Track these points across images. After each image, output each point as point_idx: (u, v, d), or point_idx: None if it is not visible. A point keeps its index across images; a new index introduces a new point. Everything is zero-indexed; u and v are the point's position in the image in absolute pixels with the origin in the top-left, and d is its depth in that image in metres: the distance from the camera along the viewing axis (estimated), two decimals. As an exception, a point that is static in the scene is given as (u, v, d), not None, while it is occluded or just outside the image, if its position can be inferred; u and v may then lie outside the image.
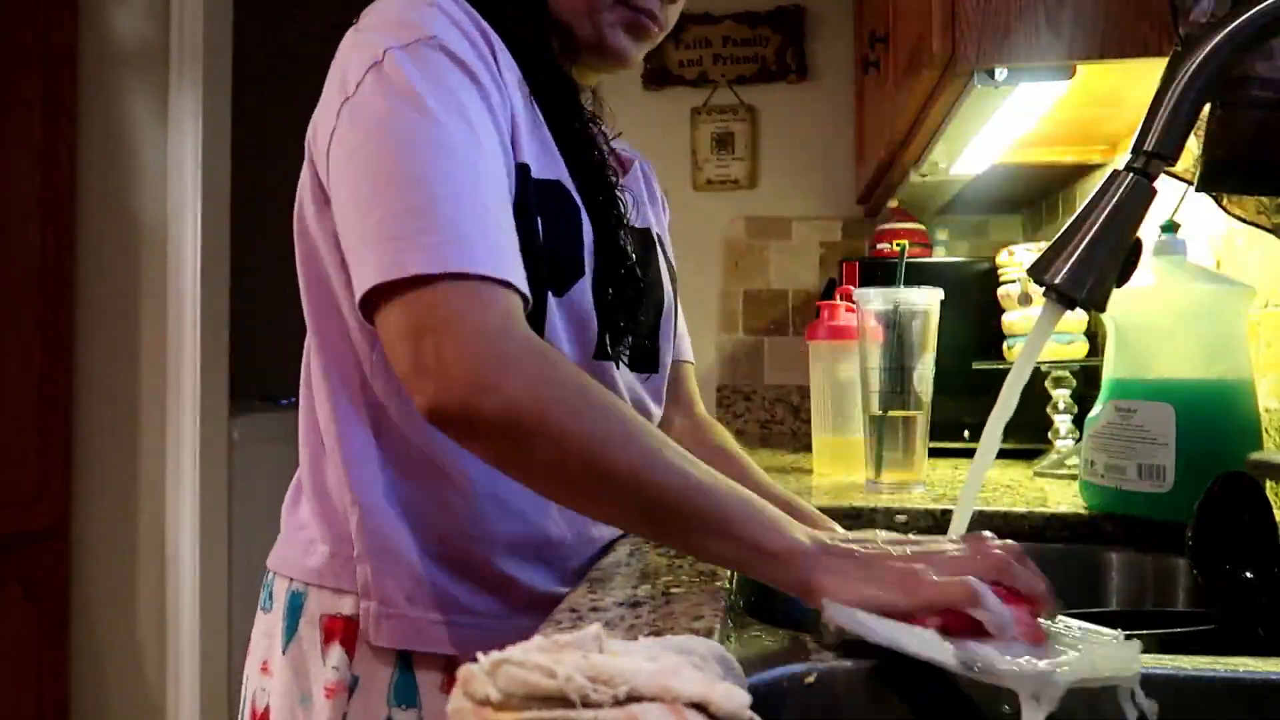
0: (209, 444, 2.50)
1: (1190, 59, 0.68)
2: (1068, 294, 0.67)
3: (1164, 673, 0.59)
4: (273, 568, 0.89)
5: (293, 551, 0.87)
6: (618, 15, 0.87)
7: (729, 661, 0.49)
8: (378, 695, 0.80)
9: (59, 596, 2.44)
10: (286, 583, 0.86)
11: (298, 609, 0.84)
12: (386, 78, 0.73)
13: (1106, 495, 1.07)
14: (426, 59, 0.74)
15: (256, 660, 0.88)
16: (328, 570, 0.84)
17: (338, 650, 0.81)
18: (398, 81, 0.72)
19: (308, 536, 0.86)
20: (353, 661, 0.81)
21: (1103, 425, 1.08)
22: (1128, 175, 0.68)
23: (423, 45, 0.74)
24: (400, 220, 0.68)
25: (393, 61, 0.73)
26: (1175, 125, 0.67)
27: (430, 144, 0.70)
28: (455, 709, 0.39)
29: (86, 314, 2.52)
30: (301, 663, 0.83)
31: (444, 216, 0.68)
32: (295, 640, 0.84)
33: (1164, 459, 1.00)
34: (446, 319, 0.65)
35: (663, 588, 0.71)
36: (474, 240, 0.68)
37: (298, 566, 0.86)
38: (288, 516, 0.91)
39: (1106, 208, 0.67)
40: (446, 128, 0.71)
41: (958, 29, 1.09)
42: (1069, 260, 0.66)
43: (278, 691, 0.84)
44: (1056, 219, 2.07)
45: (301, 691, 0.83)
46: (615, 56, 0.89)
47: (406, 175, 0.69)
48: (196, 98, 2.47)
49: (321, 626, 0.83)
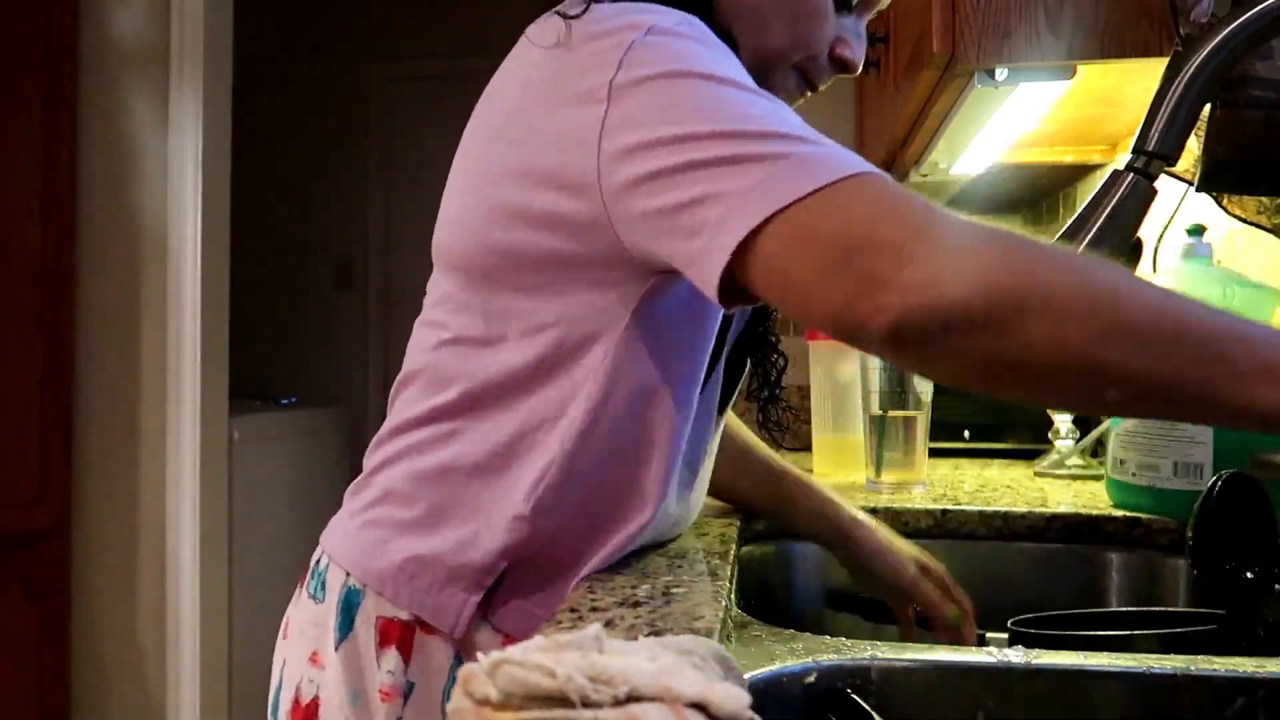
0: (209, 444, 2.49)
1: (1190, 59, 0.68)
2: None
3: (1164, 672, 0.59)
4: (328, 552, 0.85)
5: (356, 546, 0.83)
6: (791, 81, 0.86)
7: (729, 661, 0.49)
8: (432, 703, 0.79)
9: (59, 596, 2.44)
10: (343, 576, 0.83)
11: (354, 606, 0.82)
12: (651, 47, 0.67)
13: (1138, 494, 1.08)
14: (677, 34, 0.68)
15: (303, 649, 0.85)
16: (389, 579, 0.80)
17: (394, 655, 0.79)
18: (671, 46, 0.67)
19: (379, 536, 0.82)
20: (409, 668, 0.79)
21: (1134, 424, 1.09)
22: (1128, 175, 0.68)
23: (685, 27, 0.70)
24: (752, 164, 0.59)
25: (662, 33, 0.68)
26: (1175, 125, 0.67)
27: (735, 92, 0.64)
28: (455, 709, 0.39)
29: (87, 314, 2.52)
30: (355, 662, 0.81)
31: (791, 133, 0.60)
32: (350, 638, 0.81)
33: (1202, 456, 1.02)
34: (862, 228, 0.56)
35: (663, 588, 0.71)
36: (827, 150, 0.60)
37: (359, 565, 0.82)
38: (359, 502, 0.85)
39: (1107, 208, 0.67)
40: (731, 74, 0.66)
41: (958, 29, 1.09)
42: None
43: (329, 685, 0.82)
44: (1056, 219, 2.07)
45: (353, 689, 0.81)
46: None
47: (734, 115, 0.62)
48: (196, 98, 2.47)
49: (377, 629, 0.80)
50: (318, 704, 0.83)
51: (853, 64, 0.87)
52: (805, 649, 0.64)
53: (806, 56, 0.85)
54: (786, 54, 0.84)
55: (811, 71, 0.86)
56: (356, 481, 0.88)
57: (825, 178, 0.58)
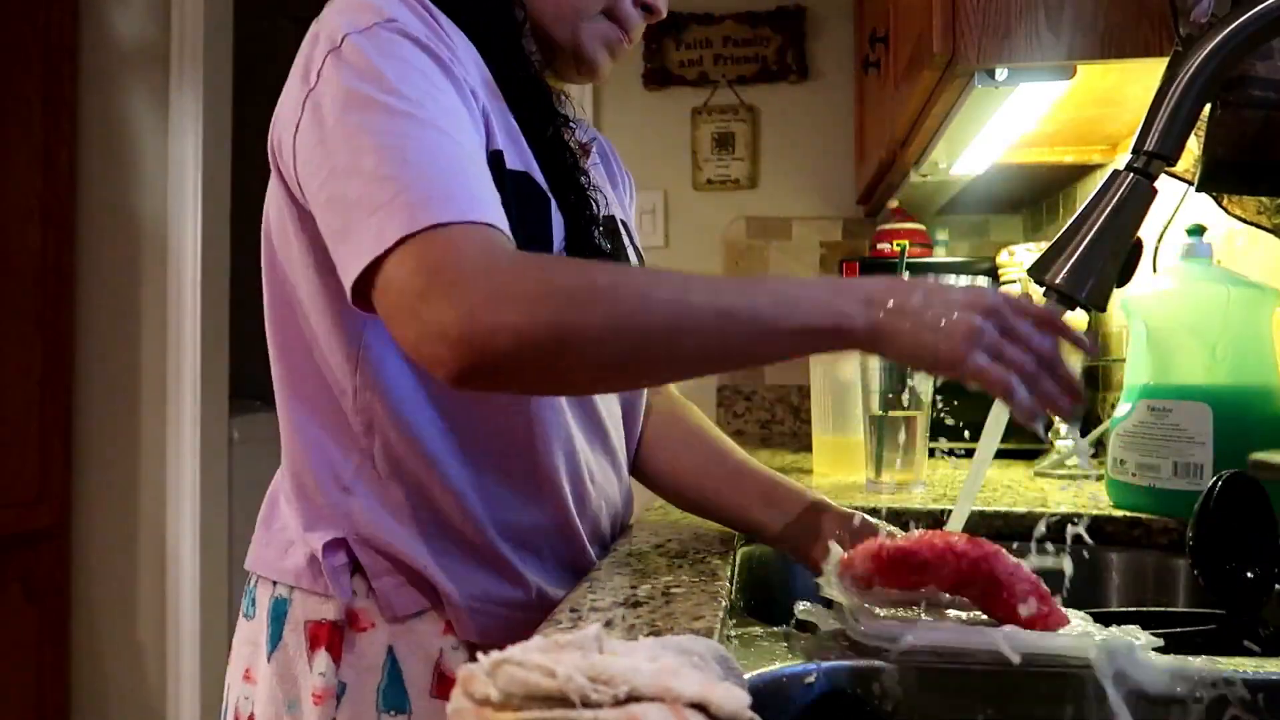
0: (209, 444, 2.49)
1: (1190, 59, 0.68)
2: (1068, 294, 0.67)
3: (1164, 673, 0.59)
4: (252, 569, 0.89)
5: (270, 553, 0.87)
6: (600, 29, 0.88)
7: (729, 661, 0.49)
8: (366, 701, 0.80)
9: (59, 596, 2.44)
10: (270, 589, 0.86)
11: (282, 615, 0.84)
12: (346, 62, 0.72)
13: (1138, 494, 1.08)
14: (386, 39, 0.73)
15: (239, 668, 0.88)
16: (305, 573, 0.83)
17: (324, 656, 0.81)
18: (358, 63, 0.72)
19: (286, 538, 0.86)
20: (340, 668, 0.80)
21: (1133, 425, 1.09)
22: (1128, 175, 0.68)
23: (380, 28, 0.74)
24: (366, 199, 0.67)
25: (351, 46, 0.73)
26: (1175, 125, 0.67)
27: (395, 114, 0.69)
28: (455, 709, 0.39)
29: (87, 314, 2.52)
30: (287, 669, 0.83)
31: (419, 181, 0.67)
32: (280, 647, 0.83)
33: (1201, 457, 1.02)
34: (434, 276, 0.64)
35: (663, 588, 0.71)
36: (456, 196, 0.67)
37: (275, 568, 0.86)
38: (266, 521, 0.91)
39: (1107, 208, 0.67)
40: (409, 99, 0.70)
41: (958, 29, 1.09)
42: (1069, 260, 0.67)
43: (262, 699, 0.83)
44: (1057, 219, 2.07)
45: (288, 698, 0.82)
46: (589, 68, 0.90)
47: (374, 150, 0.68)
48: (196, 98, 2.47)
49: (306, 633, 0.82)
50: (254, 719, 0.84)
51: (657, 8, 0.89)
52: (805, 649, 0.64)
53: (610, 3, 0.87)
54: (587, 4, 0.86)
55: (622, 18, 0.88)
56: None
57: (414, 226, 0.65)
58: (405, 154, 0.68)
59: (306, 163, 0.74)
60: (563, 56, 0.89)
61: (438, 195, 0.66)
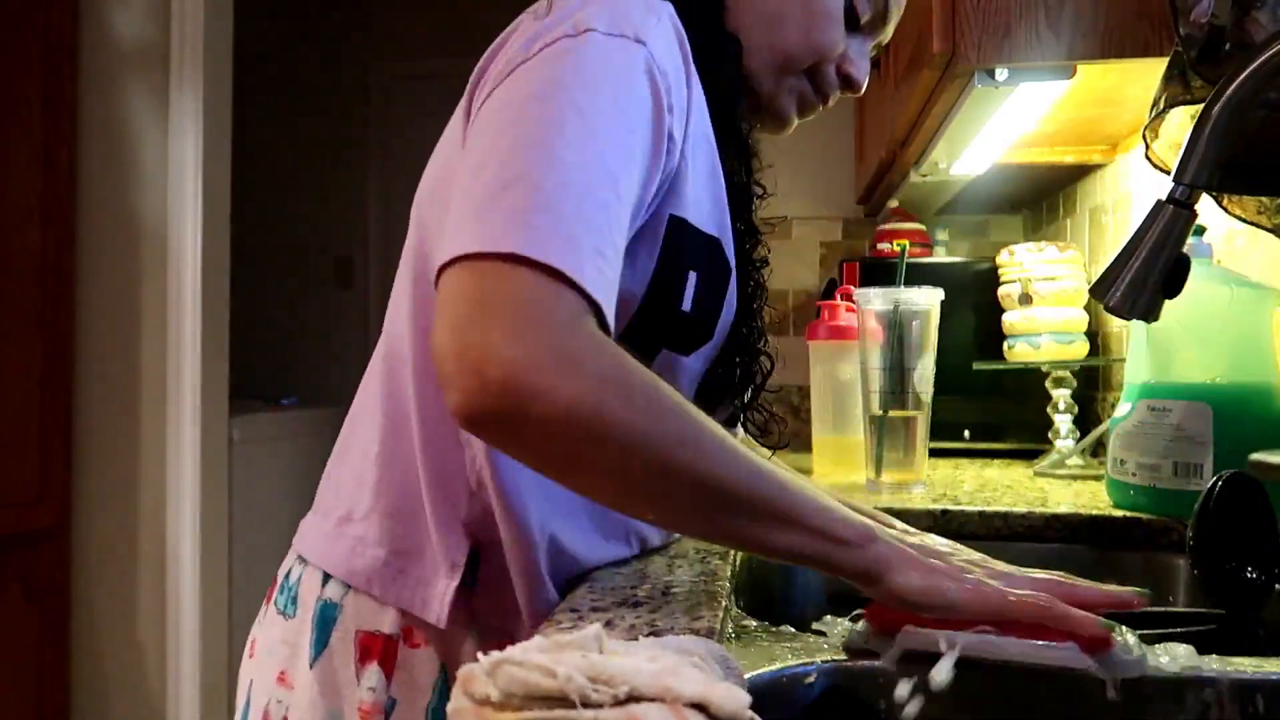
0: (209, 444, 2.49)
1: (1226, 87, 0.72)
2: (1120, 313, 0.76)
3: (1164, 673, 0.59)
4: (316, 562, 0.82)
5: (336, 547, 0.81)
6: (800, 87, 0.87)
7: (729, 661, 0.49)
8: (416, 719, 0.77)
9: (59, 596, 2.44)
10: (317, 589, 0.80)
11: (330, 620, 0.79)
12: (575, 58, 0.67)
13: (1137, 493, 1.08)
14: (627, 54, 0.67)
15: (271, 668, 0.82)
16: (377, 577, 0.78)
17: (375, 671, 0.77)
18: (584, 64, 0.66)
19: (356, 534, 0.80)
20: (391, 684, 0.77)
21: (1133, 425, 1.09)
22: (1169, 207, 0.74)
23: (629, 43, 0.68)
24: (514, 192, 0.61)
25: (589, 43, 0.67)
26: (1209, 158, 0.73)
27: (584, 132, 0.64)
28: (455, 709, 0.39)
29: (87, 314, 2.51)
30: (331, 679, 0.78)
31: (568, 210, 0.61)
32: (326, 655, 0.79)
33: (1201, 457, 1.02)
34: (513, 304, 0.58)
35: (663, 588, 0.71)
36: (585, 247, 0.60)
37: (342, 566, 0.80)
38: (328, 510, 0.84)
39: (1152, 237, 0.74)
40: (611, 122, 0.65)
41: (958, 29, 1.09)
42: (1121, 285, 0.76)
43: (301, 705, 0.79)
44: (1057, 219, 2.07)
45: (330, 709, 0.78)
46: (778, 121, 0.89)
47: (544, 150, 0.62)
48: (196, 98, 2.47)
49: (357, 643, 0.78)
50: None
51: (857, 82, 0.88)
52: (805, 649, 0.64)
53: (817, 62, 0.85)
54: (799, 57, 0.85)
55: (821, 82, 0.87)
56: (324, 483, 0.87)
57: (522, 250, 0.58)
58: (566, 175, 0.62)
59: (478, 126, 0.69)
60: (754, 106, 0.87)
61: (566, 236, 0.60)
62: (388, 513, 0.79)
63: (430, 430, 0.77)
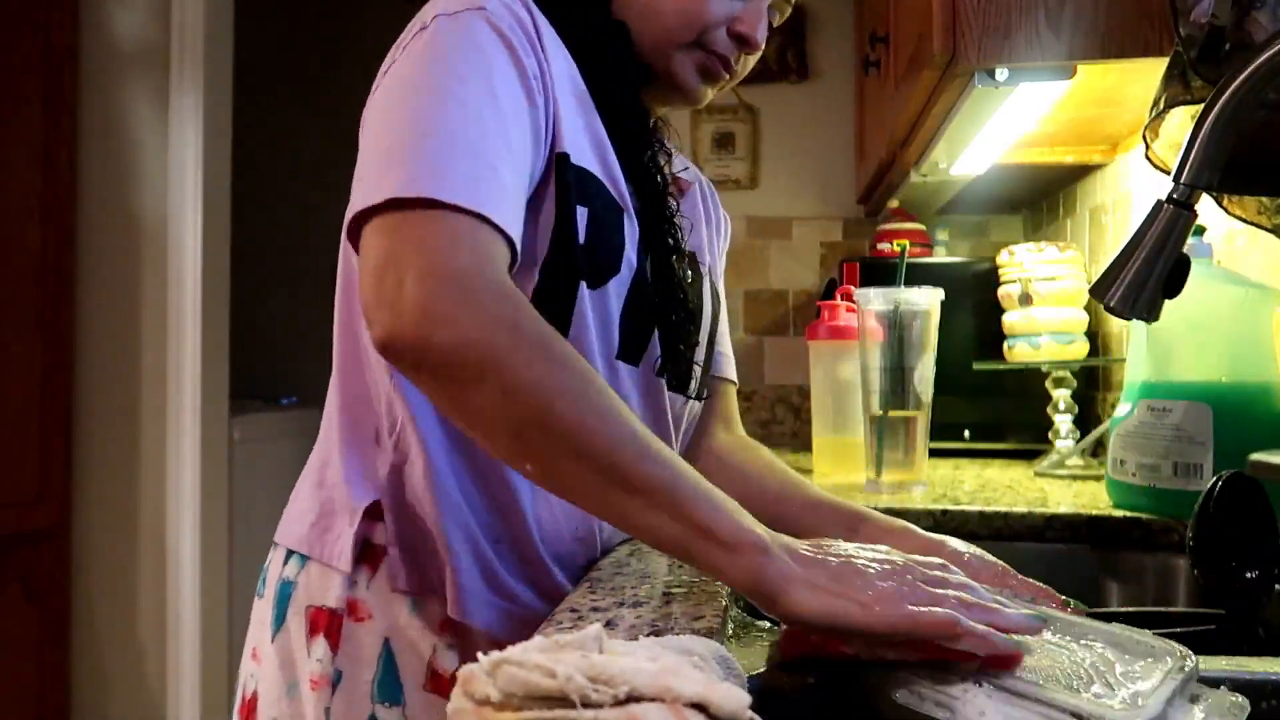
0: (209, 444, 2.50)
1: (1224, 89, 0.72)
2: (1120, 313, 0.77)
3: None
4: (277, 539, 0.91)
5: (289, 522, 0.89)
6: (695, 58, 0.90)
7: (729, 661, 0.49)
8: (361, 692, 0.81)
9: (59, 596, 2.44)
10: (280, 568, 0.87)
11: (286, 598, 0.85)
12: (425, 43, 0.76)
13: (1137, 494, 1.08)
14: (467, 24, 0.76)
15: (250, 647, 0.89)
16: (305, 537, 0.85)
17: (322, 643, 0.82)
18: (434, 44, 0.75)
19: (300, 505, 0.88)
20: (336, 656, 0.81)
21: (1134, 425, 1.09)
22: (1169, 207, 0.74)
23: (467, 13, 0.76)
24: (390, 156, 0.69)
25: (435, 27, 0.76)
26: (1209, 158, 0.73)
27: (442, 95, 0.72)
28: (455, 709, 0.39)
29: (87, 314, 2.51)
30: (288, 652, 0.84)
31: (434, 152, 0.68)
32: (283, 629, 0.85)
33: (1201, 457, 1.02)
34: (414, 248, 0.65)
35: (663, 588, 0.71)
36: (461, 176, 0.67)
37: (291, 535, 0.87)
38: (296, 493, 0.92)
39: (1153, 237, 0.74)
40: (466, 82, 0.73)
41: (958, 29, 1.09)
42: (1122, 285, 0.76)
43: (265, 679, 0.85)
44: (1057, 219, 2.07)
45: (288, 681, 0.83)
46: (684, 94, 0.92)
47: (411, 121, 0.71)
48: (197, 98, 2.47)
49: (307, 618, 0.83)
50: (256, 697, 0.86)
51: (751, 40, 0.90)
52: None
53: (701, 33, 0.88)
54: (678, 29, 0.88)
55: (715, 47, 0.89)
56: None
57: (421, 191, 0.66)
58: (432, 130, 0.70)
59: (363, 122, 0.79)
60: (659, 82, 0.91)
61: (444, 173, 0.67)
62: (317, 481, 0.87)
63: (347, 381, 0.86)
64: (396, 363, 0.66)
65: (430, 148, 0.68)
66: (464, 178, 0.67)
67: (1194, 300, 1.07)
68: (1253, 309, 1.06)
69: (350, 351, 0.87)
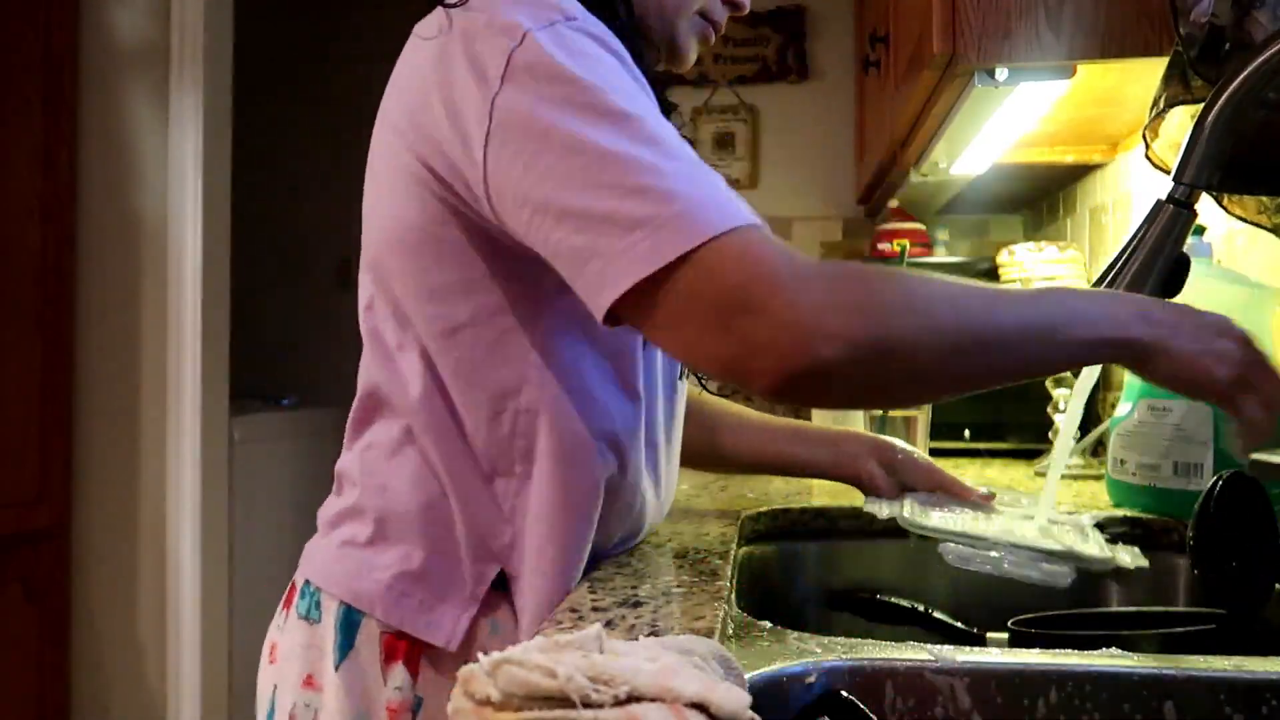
0: (209, 444, 2.49)
1: (1223, 89, 0.73)
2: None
3: (1165, 673, 0.59)
4: (318, 583, 0.83)
5: (342, 567, 0.82)
6: (696, 24, 0.89)
7: (729, 661, 0.49)
8: (442, 716, 0.78)
9: (59, 596, 2.44)
10: (336, 600, 0.81)
11: (354, 625, 0.80)
12: (531, 67, 0.68)
13: (1137, 493, 1.08)
14: (570, 39, 0.70)
15: (296, 671, 0.82)
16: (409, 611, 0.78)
17: (401, 670, 0.78)
18: (548, 68, 0.68)
19: (361, 556, 0.81)
20: (417, 683, 0.78)
21: (1134, 424, 1.09)
22: (1169, 206, 0.74)
23: (563, 26, 0.71)
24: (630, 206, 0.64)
25: (536, 44, 0.68)
26: (1209, 157, 0.74)
27: (620, 121, 0.67)
28: (456, 709, 0.39)
29: (87, 314, 2.51)
30: (359, 680, 0.79)
31: (663, 189, 0.64)
32: (352, 656, 0.80)
33: (1201, 457, 1.02)
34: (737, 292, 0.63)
35: (663, 588, 0.71)
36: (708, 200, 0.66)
37: (347, 589, 0.81)
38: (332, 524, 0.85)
39: (1152, 236, 0.75)
40: (625, 101, 0.68)
41: (958, 29, 1.09)
42: (1121, 284, 0.77)
43: (330, 709, 0.80)
44: (1057, 219, 2.07)
45: (358, 710, 0.79)
46: (680, 58, 0.91)
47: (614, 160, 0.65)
48: (197, 98, 2.47)
49: (382, 644, 0.79)
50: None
51: (741, 3, 0.91)
52: (805, 649, 0.64)
53: (702, 4, 0.89)
54: (684, 4, 0.88)
55: (713, 17, 0.90)
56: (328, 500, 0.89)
57: (696, 239, 0.63)
58: (650, 162, 0.65)
59: (514, 178, 0.68)
60: (653, 48, 0.90)
61: (703, 202, 0.65)
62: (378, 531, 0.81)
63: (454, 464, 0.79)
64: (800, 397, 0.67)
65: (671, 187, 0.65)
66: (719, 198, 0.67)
67: (1194, 300, 1.07)
68: (1253, 309, 1.06)
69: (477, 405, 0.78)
